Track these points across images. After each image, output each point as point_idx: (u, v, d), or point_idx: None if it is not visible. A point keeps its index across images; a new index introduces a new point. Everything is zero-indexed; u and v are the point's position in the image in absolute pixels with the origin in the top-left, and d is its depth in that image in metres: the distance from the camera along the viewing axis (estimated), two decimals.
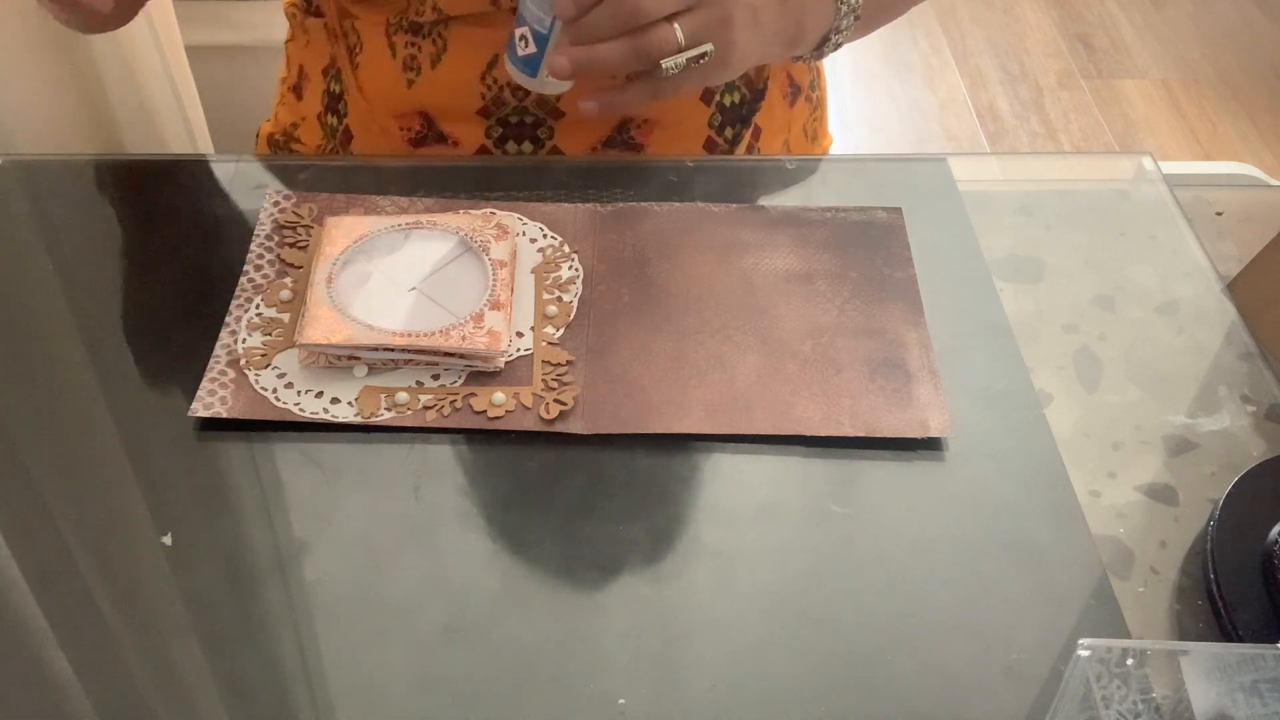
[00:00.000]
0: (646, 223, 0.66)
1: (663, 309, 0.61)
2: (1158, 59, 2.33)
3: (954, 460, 0.55)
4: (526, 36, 0.62)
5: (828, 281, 0.63)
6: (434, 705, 0.46)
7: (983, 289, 0.63)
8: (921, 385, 0.58)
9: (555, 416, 0.56)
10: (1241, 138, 2.15)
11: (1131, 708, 0.41)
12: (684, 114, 0.75)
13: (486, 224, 0.63)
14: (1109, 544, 0.52)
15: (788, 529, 0.53)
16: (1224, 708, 0.41)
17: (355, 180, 0.68)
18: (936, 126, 2.17)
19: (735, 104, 0.77)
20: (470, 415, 0.56)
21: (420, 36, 0.73)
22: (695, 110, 0.76)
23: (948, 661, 0.48)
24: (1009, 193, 0.72)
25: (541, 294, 0.62)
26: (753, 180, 0.71)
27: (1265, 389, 0.60)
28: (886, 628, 0.49)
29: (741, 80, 0.77)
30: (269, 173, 0.70)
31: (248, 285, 0.61)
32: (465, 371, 0.57)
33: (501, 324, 0.58)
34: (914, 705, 0.47)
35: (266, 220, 0.65)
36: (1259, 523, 0.52)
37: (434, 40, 0.73)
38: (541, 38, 0.62)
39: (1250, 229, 1.12)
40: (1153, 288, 0.65)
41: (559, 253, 0.64)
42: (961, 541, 0.52)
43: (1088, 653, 0.42)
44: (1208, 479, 0.55)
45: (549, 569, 0.51)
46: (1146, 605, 0.50)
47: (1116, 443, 0.57)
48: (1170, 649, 0.43)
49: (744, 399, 0.57)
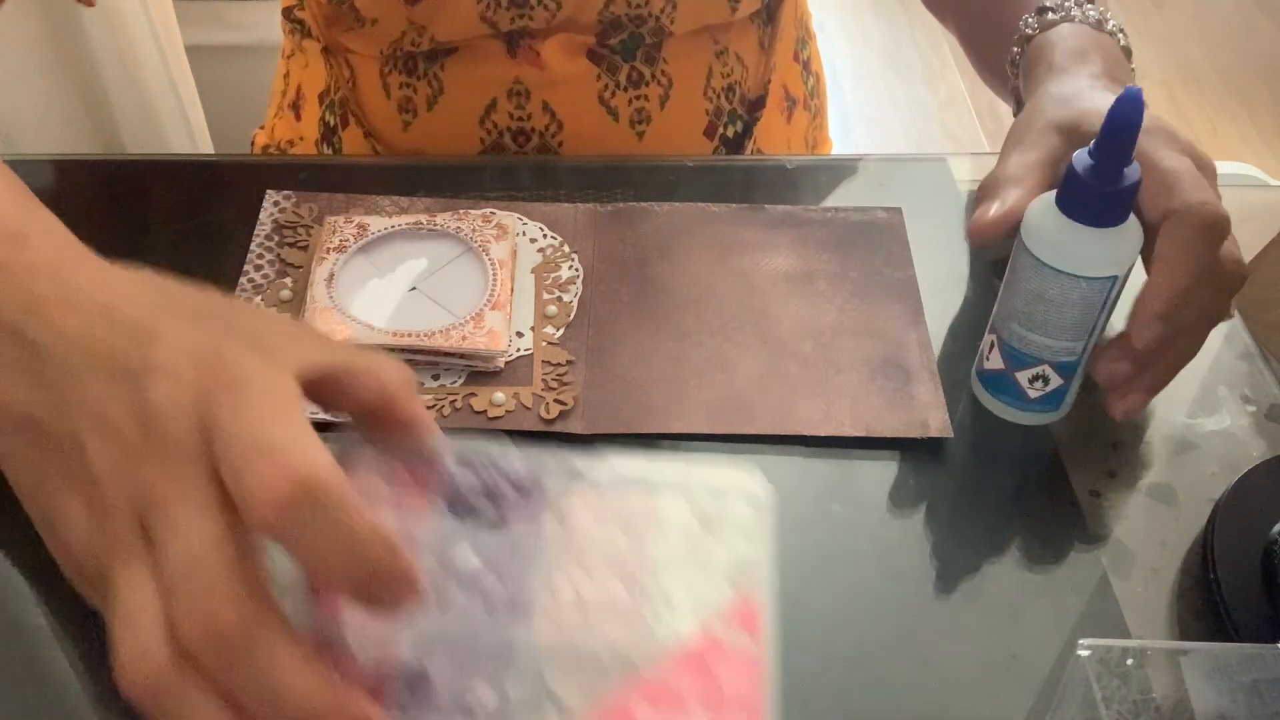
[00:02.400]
0: (646, 223, 0.66)
1: (663, 309, 0.61)
2: (1158, 59, 2.33)
3: (954, 460, 0.55)
4: (1045, 375, 0.53)
5: (828, 281, 0.63)
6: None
7: (983, 289, 0.63)
8: (921, 385, 0.58)
9: (555, 416, 0.56)
10: (1241, 138, 2.15)
11: (1131, 708, 0.41)
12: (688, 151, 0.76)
13: (486, 224, 0.63)
14: (1109, 544, 0.52)
15: (788, 529, 0.52)
16: (1224, 708, 0.41)
17: (355, 180, 0.68)
18: (936, 126, 2.17)
19: (738, 133, 0.77)
20: (470, 415, 0.56)
21: (415, 78, 0.72)
22: (700, 146, 0.76)
23: (948, 661, 0.48)
24: None
25: (541, 294, 0.62)
26: (753, 180, 0.71)
27: (1265, 389, 0.60)
28: (886, 627, 0.49)
29: (743, 108, 0.77)
30: (269, 173, 0.70)
31: (248, 285, 0.61)
32: (465, 371, 0.57)
33: (501, 324, 0.58)
34: (914, 705, 0.47)
35: (266, 220, 0.65)
36: (1259, 523, 0.52)
37: (429, 82, 0.72)
38: (1071, 367, 0.54)
39: (1250, 229, 1.12)
40: None
41: (559, 253, 0.64)
42: (961, 541, 0.52)
43: (1088, 653, 0.42)
44: (1208, 479, 0.55)
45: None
46: (1146, 605, 0.50)
47: (1116, 443, 0.57)
48: (1170, 649, 0.43)
49: (744, 399, 0.57)
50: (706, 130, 0.75)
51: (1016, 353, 0.54)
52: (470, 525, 0.39)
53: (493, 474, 0.40)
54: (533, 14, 0.69)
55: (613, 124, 0.73)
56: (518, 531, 0.39)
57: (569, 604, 0.38)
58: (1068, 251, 0.50)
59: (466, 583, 0.38)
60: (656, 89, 0.73)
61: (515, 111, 0.72)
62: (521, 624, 0.37)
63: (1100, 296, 0.50)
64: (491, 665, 0.37)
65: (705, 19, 0.71)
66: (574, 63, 0.71)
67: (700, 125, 0.75)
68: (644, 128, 0.74)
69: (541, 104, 0.72)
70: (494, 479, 0.40)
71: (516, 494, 0.40)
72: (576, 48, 0.71)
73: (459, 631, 0.37)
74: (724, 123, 0.76)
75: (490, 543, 0.39)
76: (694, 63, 0.73)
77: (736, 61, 0.75)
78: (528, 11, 0.68)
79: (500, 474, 0.40)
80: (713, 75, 0.74)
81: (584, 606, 0.39)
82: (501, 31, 0.70)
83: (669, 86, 0.73)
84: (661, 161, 0.71)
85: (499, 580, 0.38)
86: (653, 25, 0.70)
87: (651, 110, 0.73)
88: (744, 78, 0.76)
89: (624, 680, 0.37)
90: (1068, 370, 0.53)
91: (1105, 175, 0.48)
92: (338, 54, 0.75)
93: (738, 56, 0.75)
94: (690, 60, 0.73)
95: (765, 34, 0.77)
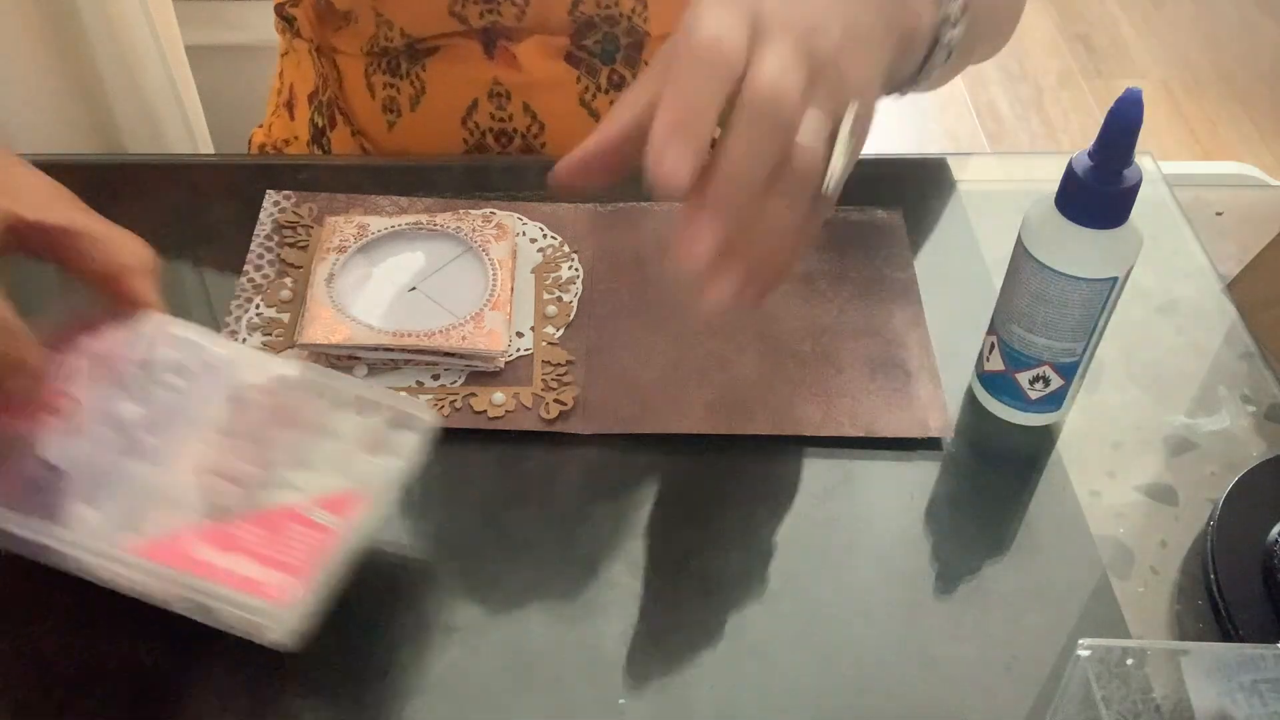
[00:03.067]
0: (646, 223, 0.66)
1: (663, 309, 0.61)
2: (1158, 59, 2.33)
3: (954, 460, 0.55)
4: (1046, 376, 0.53)
5: (828, 281, 0.63)
6: (432, 705, 0.46)
7: (983, 289, 0.63)
8: (921, 385, 0.58)
9: (555, 416, 0.56)
10: (1241, 138, 2.15)
11: (1131, 708, 0.41)
12: None
13: (486, 224, 0.63)
14: (1109, 544, 0.52)
15: (788, 529, 0.53)
16: (1224, 708, 0.41)
17: (355, 180, 0.68)
18: (936, 126, 2.17)
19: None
20: (470, 415, 0.56)
21: (398, 78, 0.73)
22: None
23: (948, 661, 0.48)
24: (1009, 193, 0.72)
25: (541, 294, 0.62)
26: None
27: (1265, 389, 0.60)
28: (886, 627, 0.49)
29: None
30: (269, 173, 0.70)
31: (248, 285, 0.61)
32: (465, 371, 0.57)
33: (501, 324, 0.58)
34: (914, 705, 0.47)
35: (266, 220, 0.65)
36: (1259, 523, 0.52)
37: (412, 82, 0.72)
38: (1072, 368, 0.53)
39: (1250, 229, 1.12)
40: (1153, 288, 0.65)
41: (559, 253, 0.64)
42: (961, 542, 0.52)
43: (1088, 653, 0.42)
44: (1208, 479, 0.55)
45: (548, 569, 0.51)
46: (1146, 605, 0.50)
47: (1116, 443, 0.57)
48: (1170, 649, 0.43)
49: (744, 399, 0.57)
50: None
51: (1017, 354, 0.54)
52: (148, 386, 0.49)
53: (192, 353, 0.50)
54: (500, 9, 0.69)
55: (595, 125, 0.73)
56: (190, 398, 0.49)
57: (196, 462, 0.47)
58: (1067, 252, 0.50)
59: (117, 426, 0.48)
60: None
61: (496, 112, 0.72)
62: (144, 465, 0.47)
63: (1100, 297, 0.50)
64: (101, 490, 0.46)
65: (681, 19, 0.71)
66: (551, 66, 0.71)
67: None
68: None
69: (522, 105, 0.72)
70: (191, 358, 0.50)
71: (206, 372, 0.50)
72: (553, 51, 0.71)
73: (90, 454, 0.47)
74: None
75: (159, 400, 0.48)
76: None
77: None
78: (495, 6, 0.68)
79: (196, 352, 0.50)
80: None
81: (206, 468, 0.47)
82: (473, 28, 0.69)
83: None
84: None
85: (149, 432, 0.48)
86: (626, 26, 0.70)
87: None
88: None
89: (199, 524, 0.45)
90: (1068, 371, 0.53)
91: (1105, 176, 0.48)
92: (326, 54, 0.75)
93: None
94: None
95: None
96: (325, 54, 0.76)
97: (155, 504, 0.46)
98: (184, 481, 0.46)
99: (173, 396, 0.49)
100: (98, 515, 0.45)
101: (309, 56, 0.77)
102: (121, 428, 0.48)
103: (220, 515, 0.46)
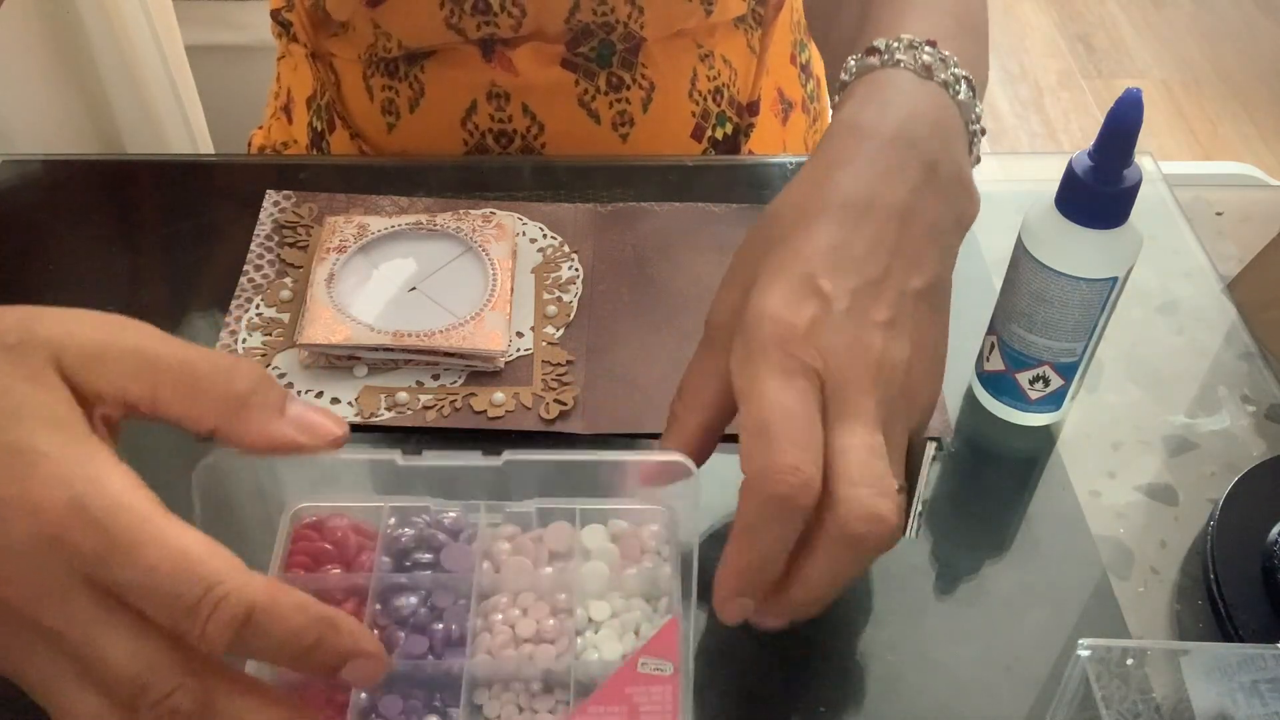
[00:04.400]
0: (646, 223, 0.66)
1: (663, 309, 0.61)
2: (1158, 59, 2.33)
3: (954, 460, 0.55)
4: (1046, 376, 0.53)
5: None
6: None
7: (983, 289, 0.63)
8: None
9: (555, 416, 0.56)
10: (1241, 138, 2.15)
11: (1131, 708, 0.41)
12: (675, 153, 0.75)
13: (486, 224, 0.63)
14: (1109, 544, 0.52)
15: None
16: (1224, 708, 0.41)
17: (355, 180, 0.68)
18: None
19: (728, 135, 0.77)
20: (470, 415, 0.56)
21: (397, 80, 0.73)
22: (688, 148, 0.76)
23: (947, 661, 0.48)
24: (1009, 193, 0.72)
25: (541, 294, 0.62)
26: (753, 180, 0.71)
27: (1265, 389, 0.60)
28: (886, 627, 0.49)
29: (733, 110, 0.77)
30: (268, 173, 0.70)
31: (248, 285, 0.61)
32: (465, 371, 0.57)
33: (501, 324, 0.58)
34: (914, 705, 0.47)
35: (266, 220, 0.65)
36: (1259, 523, 0.52)
37: (410, 84, 0.72)
38: (1072, 368, 0.53)
39: (1250, 229, 1.12)
40: (1153, 288, 0.65)
41: (559, 253, 0.64)
42: (961, 541, 0.52)
43: (1088, 653, 0.42)
44: (1208, 479, 0.55)
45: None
46: (1146, 605, 0.50)
47: (1116, 443, 0.57)
48: (1170, 649, 0.43)
49: None
50: (694, 132, 0.75)
51: (1017, 354, 0.54)
52: (410, 573, 0.44)
53: (426, 525, 0.46)
54: (498, 20, 0.69)
55: (595, 126, 0.73)
56: (453, 574, 0.44)
57: (503, 636, 0.43)
58: (1067, 253, 0.50)
59: (409, 625, 0.43)
60: (638, 92, 0.73)
61: (496, 114, 0.72)
62: (459, 657, 0.43)
63: (1100, 297, 0.50)
64: (435, 696, 0.42)
65: (678, 23, 0.71)
66: (549, 71, 0.71)
67: (687, 127, 0.75)
68: (627, 130, 0.73)
69: (522, 106, 0.72)
70: (428, 530, 0.46)
71: (450, 540, 0.45)
72: (549, 57, 0.71)
73: (403, 667, 0.42)
74: (712, 125, 0.76)
75: (429, 585, 0.44)
76: (676, 66, 0.73)
77: (724, 65, 0.75)
78: (492, 19, 0.68)
79: (433, 524, 0.46)
80: (698, 78, 0.74)
81: (517, 638, 0.44)
82: (471, 39, 0.70)
83: (650, 90, 0.73)
84: (661, 161, 0.71)
85: (438, 619, 0.43)
86: (622, 31, 0.70)
87: (634, 113, 0.73)
88: (733, 80, 0.76)
89: (552, 707, 0.43)
90: (1068, 371, 0.53)
91: (1105, 176, 0.48)
92: (323, 58, 0.75)
93: (724, 60, 0.75)
94: (671, 64, 0.73)
95: (754, 38, 0.77)
96: (322, 58, 0.76)
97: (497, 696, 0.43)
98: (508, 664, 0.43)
99: (435, 577, 0.44)
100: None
101: (306, 60, 0.77)
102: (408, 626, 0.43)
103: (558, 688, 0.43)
